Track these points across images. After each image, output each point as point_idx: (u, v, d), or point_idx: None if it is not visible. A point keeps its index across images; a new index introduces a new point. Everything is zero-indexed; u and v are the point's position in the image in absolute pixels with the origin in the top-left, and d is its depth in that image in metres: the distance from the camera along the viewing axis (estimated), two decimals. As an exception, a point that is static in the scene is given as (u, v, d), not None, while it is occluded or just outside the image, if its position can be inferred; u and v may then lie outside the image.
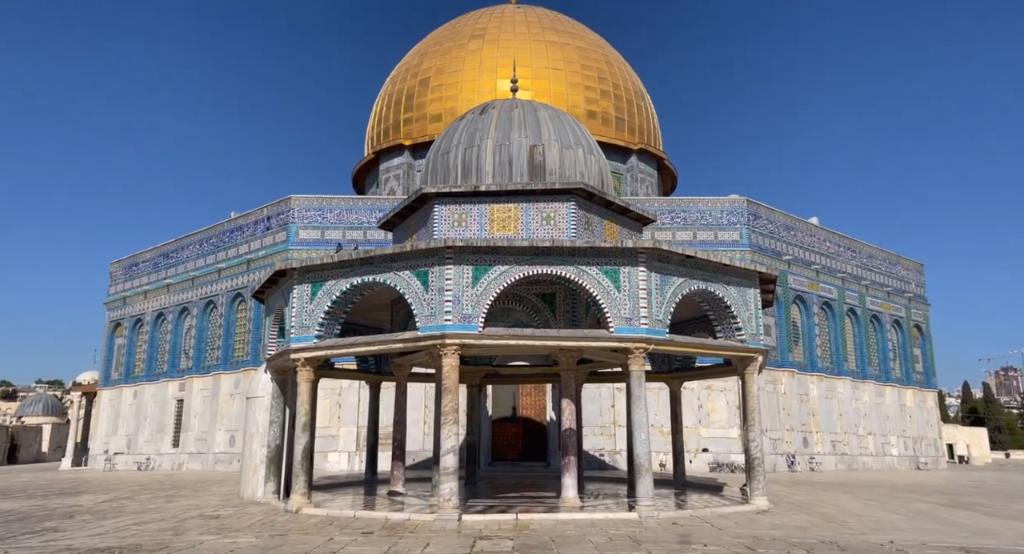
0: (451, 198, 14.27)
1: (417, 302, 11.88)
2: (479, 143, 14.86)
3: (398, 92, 36.40)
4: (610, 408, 25.56)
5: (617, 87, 35.66)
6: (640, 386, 11.85)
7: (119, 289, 34.28)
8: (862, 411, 29.37)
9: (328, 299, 12.70)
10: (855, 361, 29.98)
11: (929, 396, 33.34)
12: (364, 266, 12.43)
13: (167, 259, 31.95)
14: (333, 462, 25.16)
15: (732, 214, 26.36)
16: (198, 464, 27.83)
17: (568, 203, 14.03)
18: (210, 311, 29.57)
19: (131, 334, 32.91)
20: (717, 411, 25.32)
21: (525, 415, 26.21)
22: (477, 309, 11.65)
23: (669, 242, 12.11)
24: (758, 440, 13.11)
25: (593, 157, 15.20)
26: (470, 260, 11.77)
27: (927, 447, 32.14)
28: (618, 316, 11.83)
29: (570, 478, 13.24)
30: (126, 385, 32.38)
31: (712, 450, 24.94)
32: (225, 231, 29.45)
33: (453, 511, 11.06)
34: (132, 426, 31.38)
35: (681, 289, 12.37)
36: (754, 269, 13.12)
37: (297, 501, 12.35)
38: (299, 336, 12.82)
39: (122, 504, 14.69)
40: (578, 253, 11.92)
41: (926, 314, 34.09)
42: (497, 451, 25.64)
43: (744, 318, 13.14)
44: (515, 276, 11.80)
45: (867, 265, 31.53)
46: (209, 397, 28.28)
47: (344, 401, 25.68)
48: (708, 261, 12.52)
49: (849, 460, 27.90)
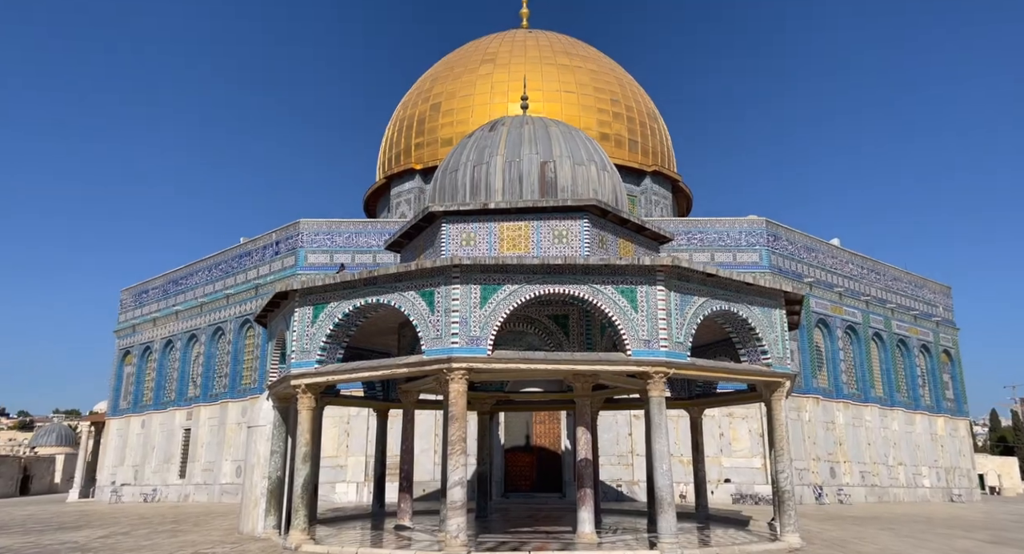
0: (459, 216, 13.72)
1: (423, 324, 11.26)
2: (488, 160, 14.34)
3: (409, 117, 36.26)
4: (627, 436, 24.64)
5: (630, 109, 35.27)
6: (661, 413, 11.10)
7: (129, 317, 33.97)
8: (891, 440, 28.16)
9: (330, 322, 12.12)
10: (882, 387, 28.84)
11: (960, 424, 32.02)
12: (368, 287, 11.85)
13: (176, 286, 31.62)
14: (341, 493, 24.36)
15: (751, 235, 25.63)
16: (204, 495, 27.12)
17: (581, 220, 13.43)
18: (218, 338, 29.10)
19: (140, 362, 32.48)
20: (739, 440, 24.31)
21: (539, 444, 25.33)
22: (486, 331, 11.00)
23: (688, 263, 11.40)
24: (788, 471, 12.25)
25: (607, 174, 14.62)
26: (478, 279, 11.16)
27: (960, 478, 30.74)
28: (636, 338, 11.12)
29: (586, 512, 12.43)
30: (134, 415, 31.87)
31: (735, 480, 23.89)
32: (234, 256, 29.10)
33: (461, 549, 10.31)
34: (139, 456, 30.78)
35: (702, 309, 11.66)
36: (779, 288, 12.38)
37: (296, 538, 11.63)
38: (300, 361, 12.21)
39: (117, 541, 14.00)
40: (592, 271, 11.27)
41: (955, 339, 32.91)
42: (510, 482, 24.73)
43: (770, 340, 12.38)
44: (525, 296, 11.16)
45: (892, 288, 30.54)
46: (216, 426, 27.66)
47: (352, 430, 24.96)
48: (730, 280, 11.81)
49: (880, 492, 26.66)
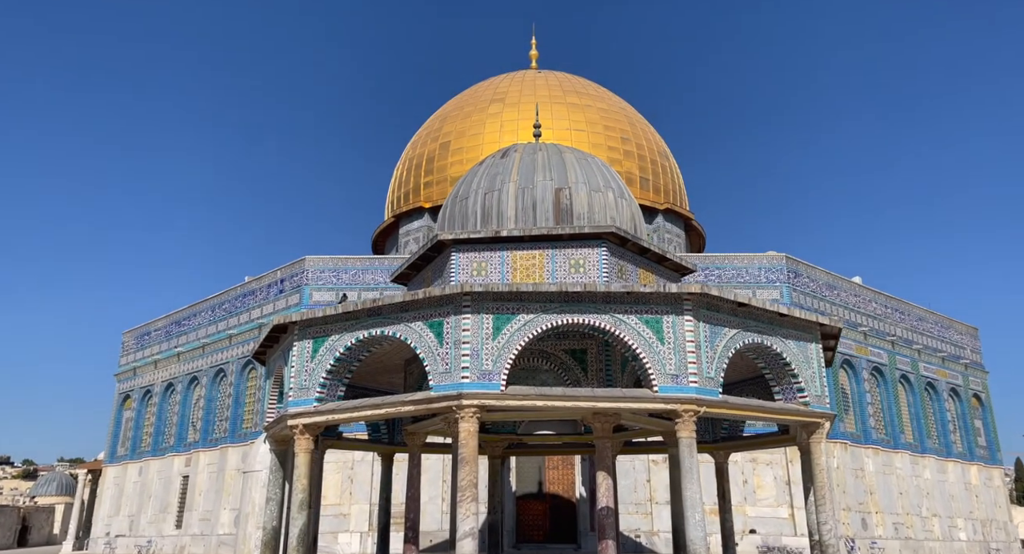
0: (469, 245, 12.97)
1: (430, 357, 10.39)
2: (500, 187, 13.65)
3: (418, 156, 36.01)
4: (645, 483, 23.34)
5: (641, 147, 34.90)
6: (691, 456, 10.08)
7: (130, 359, 33.14)
8: (924, 489, 26.64)
9: (331, 356, 11.25)
10: (912, 433, 27.45)
11: (995, 473, 30.42)
12: (371, 318, 11.02)
13: (179, 327, 30.86)
14: (344, 544, 23.04)
15: (771, 271, 24.75)
16: (200, 547, 25.80)
17: (599, 249, 12.65)
18: (220, 380, 28.17)
19: (139, 406, 31.51)
20: (764, 487, 22.96)
21: (552, 491, 24.03)
22: (499, 365, 10.12)
23: (718, 291, 10.52)
24: (831, 523, 11.12)
25: (624, 201, 13.90)
26: (490, 308, 10.32)
27: (997, 531, 29.01)
28: (662, 373, 10.20)
29: (608, 567, 11.31)
30: (131, 461, 30.74)
31: (760, 531, 22.46)
32: (238, 296, 28.38)
33: (471, 609, 9.22)
34: (135, 506, 29.54)
35: (733, 342, 10.74)
36: (815, 320, 11.47)
37: (289, 594, 10.54)
38: (298, 399, 11.31)
39: (97, 595, 12.91)
40: (614, 299, 10.42)
41: (984, 382, 31.55)
42: (522, 531, 23.37)
43: (806, 377, 11.41)
44: (542, 326, 10.30)
45: (917, 328, 29.39)
46: (215, 473, 26.51)
47: (356, 476, 23.77)
48: (763, 310, 10.92)
49: (914, 545, 25.05)
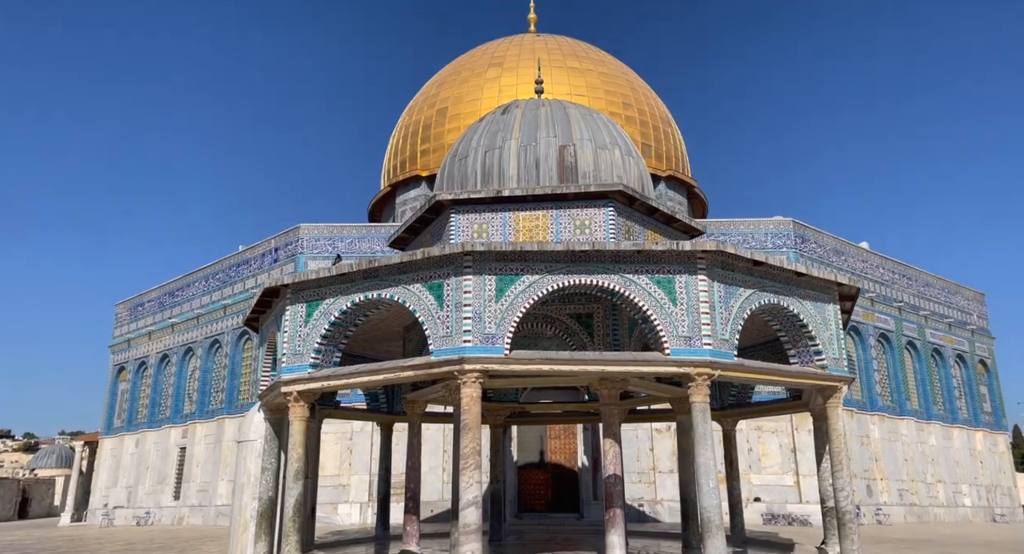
0: (469, 206, 12.40)
1: (430, 321, 9.88)
2: (501, 145, 13.03)
3: (415, 123, 35.13)
4: (648, 452, 23.08)
5: (643, 113, 34.06)
6: (705, 421, 9.64)
7: (124, 331, 32.66)
8: (929, 456, 26.44)
9: (325, 321, 10.75)
10: (918, 400, 27.18)
11: (1000, 439, 30.24)
12: (367, 280, 10.48)
13: (173, 297, 30.33)
14: (344, 514, 22.82)
15: (777, 237, 24.20)
16: (199, 518, 25.59)
17: (606, 208, 12.09)
18: (215, 351, 27.73)
19: (135, 378, 31.11)
20: (769, 455, 22.70)
21: (554, 461, 23.77)
22: (502, 328, 9.61)
23: (733, 249, 9.98)
24: (847, 489, 10.72)
25: (632, 159, 13.28)
26: (493, 269, 9.78)
27: (1001, 497, 28.93)
28: (675, 335, 9.70)
29: (616, 536, 10.92)
30: (128, 433, 30.44)
31: (765, 499, 22.24)
32: (231, 265, 27.81)
33: (475, 580, 8.83)
34: (133, 477, 29.30)
35: (749, 303, 10.24)
36: (833, 279, 10.96)
37: (286, 567, 10.16)
38: (291, 366, 10.83)
39: (89, 568, 12.57)
40: (623, 259, 9.88)
41: (991, 348, 31.24)
42: (524, 501, 23.15)
43: (824, 339, 10.92)
44: (547, 288, 9.78)
45: (924, 294, 28.96)
46: (212, 444, 26.21)
47: (356, 446, 23.47)
48: (780, 269, 10.40)
49: (919, 511, 24.92)
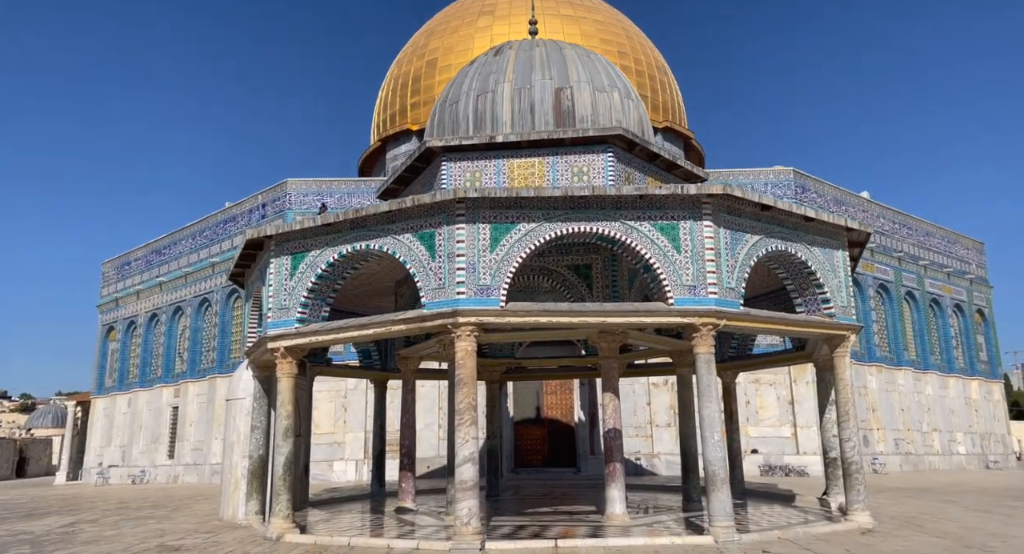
0: (461, 153, 11.81)
1: (422, 273, 9.40)
2: (494, 88, 12.36)
3: (404, 75, 34.03)
4: (645, 406, 22.95)
5: (639, 62, 33.02)
6: (710, 373, 9.28)
7: (112, 290, 32.10)
8: (925, 405, 26.46)
9: (312, 274, 10.26)
10: (915, 350, 27.06)
11: (995, 388, 30.31)
12: (355, 230, 9.96)
13: (160, 256, 29.71)
14: (339, 472, 22.72)
15: (778, 186, 23.65)
16: (194, 476, 25.50)
17: (605, 154, 11.52)
18: (205, 309, 27.27)
19: (124, 338, 30.68)
20: (766, 408, 22.59)
21: (550, 416, 23.63)
22: (497, 279, 9.15)
23: (741, 192, 9.44)
24: (854, 439, 10.46)
25: (631, 102, 12.66)
26: (487, 217, 9.26)
27: (995, 444, 29.12)
28: (679, 284, 9.26)
29: (616, 490, 10.69)
30: (120, 393, 30.15)
31: (762, 451, 22.21)
32: (219, 222, 27.14)
33: (473, 538, 8.56)
34: (126, 437, 29.13)
35: (756, 249, 9.78)
36: (843, 224, 10.49)
37: (278, 526, 9.88)
38: (277, 321, 10.37)
39: (80, 530, 12.29)
40: (625, 204, 9.37)
41: (988, 297, 31.07)
42: (520, 456, 23.08)
43: (832, 287, 10.52)
44: (545, 236, 9.28)
45: (924, 244, 28.59)
46: (205, 403, 25.95)
47: (350, 404, 23.25)
48: (789, 213, 9.92)
49: (915, 460, 25.02)
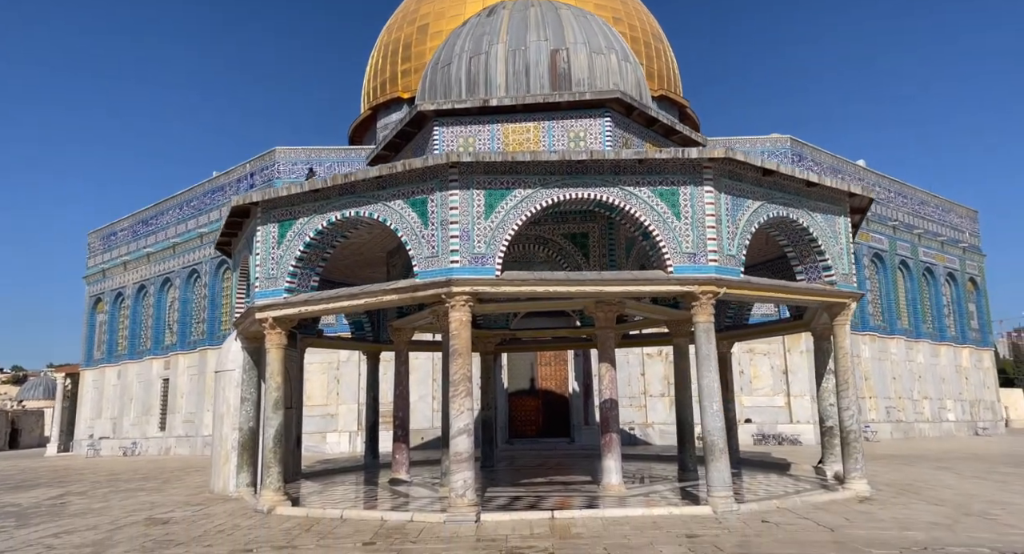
0: (454, 117, 11.45)
1: (414, 241, 9.11)
2: (487, 50, 11.95)
3: (395, 41, 33.25)
4: (639, 377, 22.90)
5: (633, 29, 32.35)
6: (709, 342, 9.10)
7: (98, 261, 31.62)
8: (916, 373, 26.55)
9: (300, 242, 9.95)
10: (908, 319, 27.08)
11: (985, 355, 30.46)
12: (344, 196, 9.64)
13: (146, 226, 29.21)
14: (332, 443, 22.65)
15: (775, 154, 23.33)
16: (186, 448, 25.39)
17: (602, 119, 11.18)
18: (194, 281, 26.91)
19: (112, 309, 30.31)
20: (760, 377, 22.58)
21: (545, 387, 23.57)
22: (492, 247, 8.88)
23: (743, 156, 9.14)
24: (853, 408, 10.36)
25: (629, 65, 12.28)
26: (481, 182, 8.96)
27: (984, 411, 29.35)
28: (678, 252, 9.02)
29: (612, 460, 10.61)
30: (109, 365, 29.88)
31: (756, 421, 22.25)
32: (206, 192, 26.64)
33: (469, 509, 8.42)
34: (117, 409, 28.94)
35: (757, 216, 9.53)
36: (846, 189, 10.24)
37: (269, 499, 9.72)
38: (265, 291, 10.09)
39: (68, 502, 12.13)
40: (624, 169, 9.08)
41: (981, 266, 31.05)
42: (515, 427, 23.05)
43: (833, 254, 10.31)
44: (541, 203, 8.99)
45: (919, 212, 28.43)
46: (196, 375, 25.73)
47: (343, 376, 23.08)
48: (791, 178, 9.65)
49: (905, 427, 25.17)
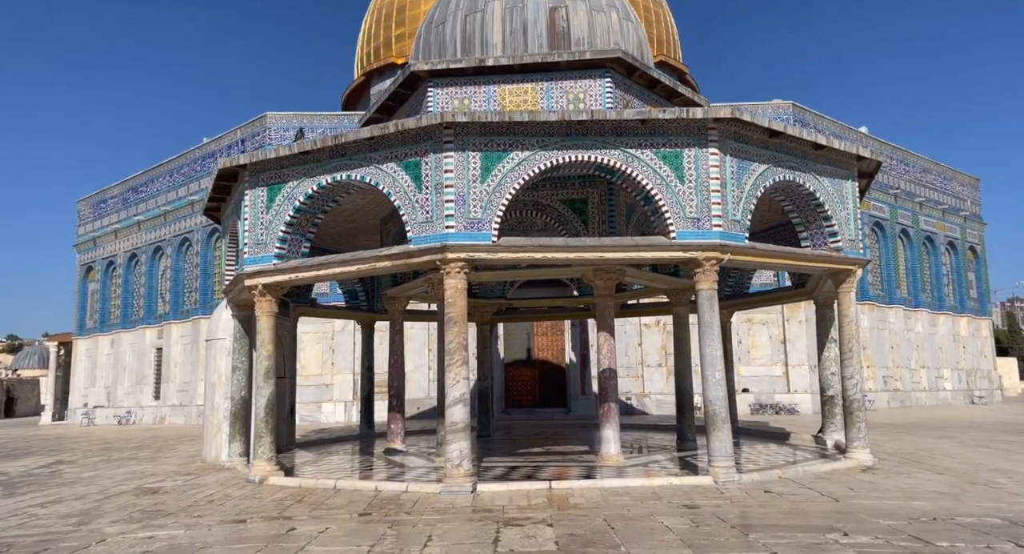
0: (449, 78, 11.03)
1: (408, 205, 8.78)
2: (483, 7, 11.49)
3: (388, 5, 32.39)
4: (636, 347, 22.76)
5: (633, -10, 31.62)
6: (712, 310, 8.85)
7: (88, 229, 31.19)
8: (915, 342, 26.50)
9: (290, 206, 9.62)
10: (907, 288, 26.94)
11: (983, 324, 30.41)
12: (335, 159, 9.28)
13: (137, 193, 28.72)
14: (328, 413, 22.56)
15: (776, 120, 22.75)
16: (181, 417, 25.30)
17: (602, 80, 10.78)
18: (186, 249, 26.54)
19: (104, 278, 29.97)
20: (758, 347, 22.46)
21: (541, 357, 23.44)
22: (489, 212, 8.56)
23: (750, 116, 8.77)
24: (857, 377, 10.16)
25: (630, 24, 11.84)
26: (477, 144, 8.61)
27: (981, 380, 29.40)
28: (681, 217, 8.72)
29: (611, 430, 10.43)
30: (102, 334, 29.64)
31: (753, 390, 22.19)
32: (197, 158, 26.13)
33: (465, 480, 8.24)
34: (111, 378, 28.78)
35: (763, 180, 9.23)
36: (854, 152, 9.92)
37: (261, 469, 9.54)
38: (254, 257, 9.78)
39: (57, 471, 11.97)
40: (626, 130, 8.73)
41: (981, 234, 30.84)
42: (511, 397, 22.97)
43: (840, 219, 10.02)
44: (539, 166, 8.65)
45: (921, 180, 28.11)
46: (189, 344, 25.53)
47: (338, 346, 22.90)
48: (799, 139, 9.33)
49: (902, 396, 25.20)
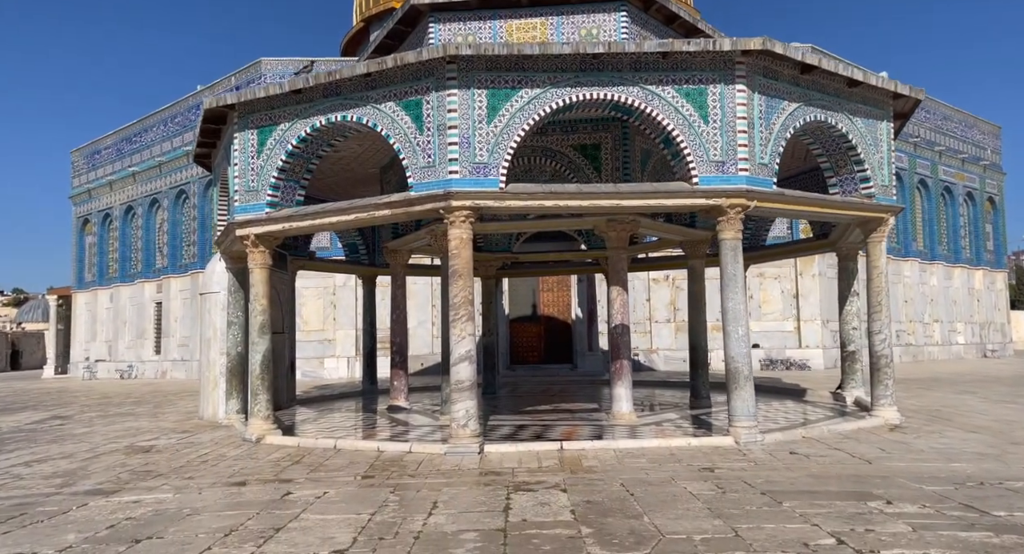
0: (452, 13, 10.21)
1: (408, 149, 8.12)
2: (488, -67, 10.57)
3: (386, -57, 30.98)
4: (645, 302, 22.26)
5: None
6: (736, 261, 8.25)
7: (83, 181, 30.47)
8: (929, 296, 25.96)
9: (282, 151, 8.96)
10: (923, 240, 26.26)
11: (999, 277, 29.81)
12: (329, 99, 8.58)
13: (131, 144, 27.92)
14: (331, 369, 22.23)
15: (794, 65, 21.86)
16: (182, 372, 25.03)
17: (617, 13, 9.97)
18: (183, 201, 25.89)
19: (101, 231, 29.40)
20: (770, 302, 21.93)
21: (547, 313, 22.96)
22: (496, 156, 7.90)
23: (783, 48, 7.97)
24: (885, 332, 9.61)
25: (647, -48, 10.91)
26: (483, 81, 7.89)
27: (994, 333, 28.96)
28: (704, 160, 8.05)
29: (623, 388, 9.98)
30: (101, 288, 29.22)
31: (764, 346, 21.74)
32: (191, 107, 25.24)
33: (471, 441, 7.79)
34: (111, 332, 28.48)
35: (793, 120, 8.50)
36: (892, 89, 9.14)
37: (258, 427, 9.12)
38: (245, 205, 9.17)
39: (50, 427, 11.61)
40: (645, 65, 7.99)
41: (1000, 185, 29.98)
42: (516, 354, 22.59)
43: (873, 164, 9.32)
44: (551, 105, 7.95)
45: (941, 128, 27.13)
46: (188, 299, 25.09)
47: (339, 301, 22.44)
48: (834, 74, 8.55)
49: (915, 350, 24.78)
